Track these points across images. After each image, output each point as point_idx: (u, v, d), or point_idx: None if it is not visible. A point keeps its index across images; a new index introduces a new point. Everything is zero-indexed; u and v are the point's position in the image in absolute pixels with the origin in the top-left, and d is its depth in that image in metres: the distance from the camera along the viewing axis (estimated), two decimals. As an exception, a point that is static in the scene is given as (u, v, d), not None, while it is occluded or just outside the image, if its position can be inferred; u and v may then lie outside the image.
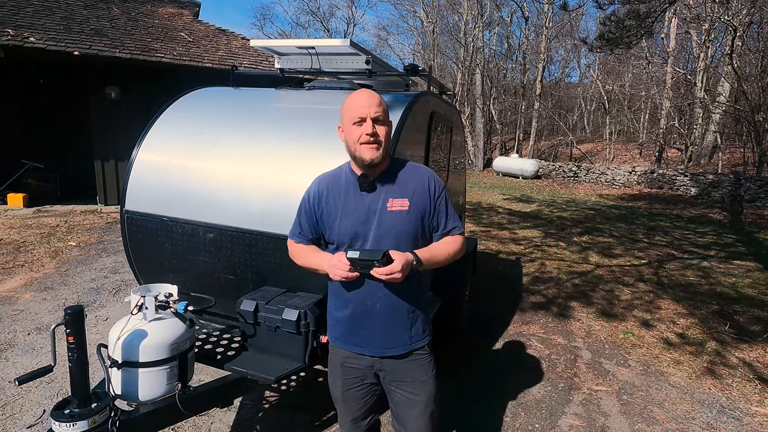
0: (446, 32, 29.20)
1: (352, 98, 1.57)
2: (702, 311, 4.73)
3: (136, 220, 2.65)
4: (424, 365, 1.68)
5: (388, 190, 1.60)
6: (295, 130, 2.58)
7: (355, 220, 1.59)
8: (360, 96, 1.57)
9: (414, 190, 1.61)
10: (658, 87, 20.56)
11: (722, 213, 11.53)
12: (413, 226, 1.59)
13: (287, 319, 2.09)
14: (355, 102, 1.55)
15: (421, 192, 1.62)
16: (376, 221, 1.57)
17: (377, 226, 1.57)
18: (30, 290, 4.49)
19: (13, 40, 7.27)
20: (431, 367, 1.70)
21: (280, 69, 3.30)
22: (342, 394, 1.72)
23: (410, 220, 1.59)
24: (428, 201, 1.62)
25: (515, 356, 3.68)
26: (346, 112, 1.57)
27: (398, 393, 1.68)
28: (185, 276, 2.64)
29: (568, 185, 17.52)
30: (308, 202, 1.68)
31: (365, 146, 1.53)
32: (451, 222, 1.68)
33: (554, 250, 7.10)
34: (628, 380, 3.37)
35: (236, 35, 11.30)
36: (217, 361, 2.18)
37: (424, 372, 1.67)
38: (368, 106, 1.53)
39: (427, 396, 1.68)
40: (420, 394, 1.67)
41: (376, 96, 1.57)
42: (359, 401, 1.72)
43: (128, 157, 2.73)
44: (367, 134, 1.52)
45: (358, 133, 1.53)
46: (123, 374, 1.82)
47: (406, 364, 1.65)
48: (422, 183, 1.63)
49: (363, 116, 1.52)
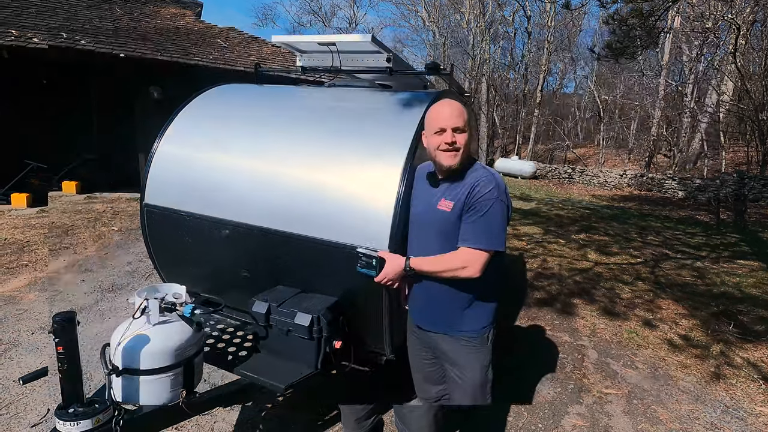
0: (456, 45, 28.35)
1: (435, 109, 1.58)
2: (702, 312, 4.27)
3: (155, 214, 2.32)
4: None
5: (447, 189, 1.58)
6: (314, 128, 2.20)
7: (417, 208, 1.64)
8: (442, 107, 1.56)
9: (461, 193, 1.53)
10: (651, 97, 19.59)
11: (708, 215, 10.84)
12: (452, 227, 1.52)
13: (300, 324, 1.74)
14: (438, 113, 1.55)
15: (463, 195, 1.52)
16: (429, 214, 1.58)
17: (428, 219, 1.58)
18: (70, 272, 4.25)
19: (66, 41, 7.00)
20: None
21: (301, 67, 2.92)
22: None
23: (449, 221, 1.53)
24: (463, 207, 1.52)
25: (522, 354, 3.30)
26: (430, 122, 1.58)
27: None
28: (202, 270, 2.31)
29: (564, 185, 16.88)
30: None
31: (445, 153, 1.53)
32: (468, 234, 1.48)
33: (554, 247, 6.64)
34: (637, 383, 2.97)
35: (267, 42, 10.91)
36: (227, 363, 1.85)
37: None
38: (449, 117, 1.52)
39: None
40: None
41: (458, 106, 1.55)
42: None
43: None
44: (446, 143, 1.51)
45: (438, 141, 1.53)
46: (124, 381, 1.50)
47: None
48: (468, 187, 1.53)
49: (444, 126, 1.52)
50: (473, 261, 1.49)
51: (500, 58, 27.24)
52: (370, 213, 1.79)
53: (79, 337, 1.37)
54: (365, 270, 1.62)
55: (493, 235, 1.49)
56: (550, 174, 18.64)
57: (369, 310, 1.86)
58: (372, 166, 1.88)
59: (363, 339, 2.01)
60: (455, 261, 1.51)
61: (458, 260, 1.51)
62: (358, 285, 1.82)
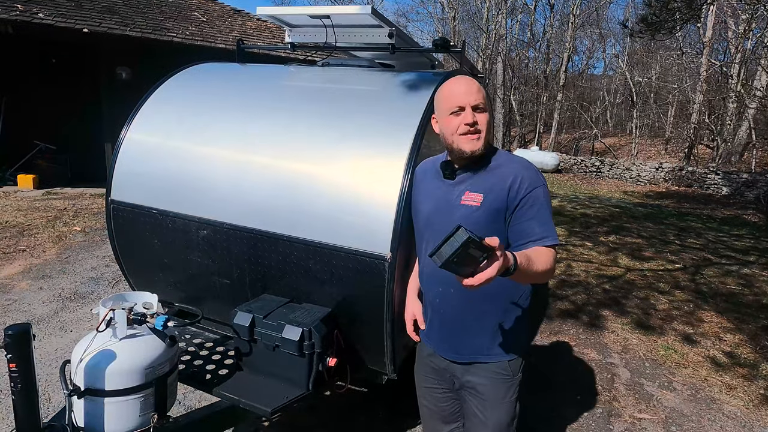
0: (467, 20, 28.31)
1: (448, 86, 1.49)
2: (750, 326, 4.26)
3: (122, 212, 2.32)
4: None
5: (470, 180, 1.49)
6: (305, 113, 2.19)
7: (428, 206, 1.57)
8: (457, 83, 1.47)
9: (493, 185, 1.44)
10: (692, 79, 19.54)
11: (757, 215, 10.83)
12: (483, 225, 1.39)
13: (288, 338, 1.74)
14: (453, 90, 1.46)
15: (500, 189, 1.43)
16: (448, 212, 1.49)
17: (447, 218, 1.48)
18: (27, 278, 4.25)
19: (22, 15, 7.00)
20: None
21: (290, 43, 2.91)
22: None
23: (479, 219, 1.43)
24: (505, 200, 1.42)
25: (544, 373, 3.29)
26: (443, 102, 1.49)
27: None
28: (176, 276, 2.30)
29: (591, 180, 16.85)
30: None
31: (465, 137, 1.44)
32: (536, 232, 1.39)
33: (580, 251, 6.64)
34: (675, 407, 2.96)
35: (251, 16, 10.91)
36: (205, 383, 1.84)
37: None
38: (467, 93, 1.43)
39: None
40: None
41: (474, 82, 1.47)
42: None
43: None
44: (467, 124, 1.42)
45: (456, 123, 1.44)
46: (87, 404, 1.49)
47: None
48: (504, 179, 1.44)
49: (462, 105, 1.43)
50: (553, 260, 1.38)
51: (518, 34, 27.19)
52: (370, 210, 1.78)
53: (35, 352, 1.37)
54: (455, 267, 1.09)
55: (553, 228, 1.43)
56: (575, 167, 18.61)
57: (368, 322, 1.86)
58: (372, 157, 1.87)
59: (361, 355, 2.00)
60: (551, 259, 1.36)
61: (551, 259, 1.36)
62: (355, 293, 1.81)
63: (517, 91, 25.77)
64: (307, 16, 2.57)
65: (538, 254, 1.34)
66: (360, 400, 2.71)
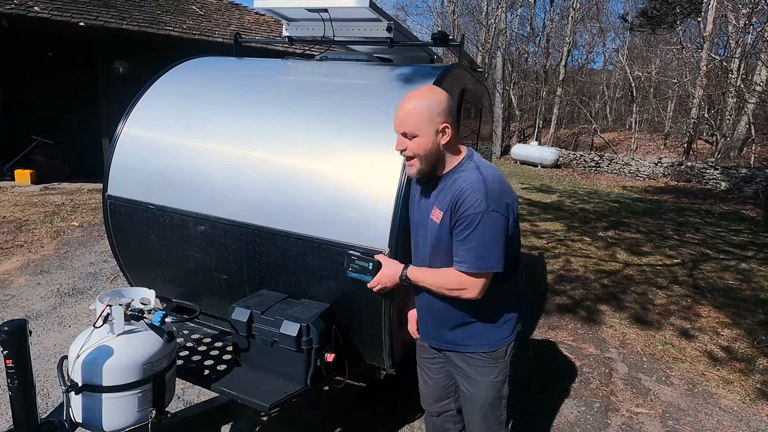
0: (466, 13, 28.13)
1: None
2: (747, 321, 4.28)
3: (119, 207, 2.31)
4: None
5: (438, 194, 1.52)
6: (302, 107, 2.18)
7: (414, 216, 1.64)
8: (399, 104, 1.48)
9: (449, 202, 1.46)
10: (692, 74, 19.48)
11: (755, 210, 10.85)
12: (445, 240, 1.48)
13: (286, 333, 1.74)
14: (395, 111, 1.49)
15: (451, 206, 1.45)
16: (424, 225, 1.55)
17: (423, 231, 1.56)
18: (25, 273, 4.24)
19: (17, 9, 6.94)
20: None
21: (288, 37, 2.89)
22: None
23: (441, 234, 1.48)
24: (451, 219, 1.45)
25: (542, 368, 3.30)
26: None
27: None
28: (174, 272, 2.30)
29: (590, 175, 16.86)
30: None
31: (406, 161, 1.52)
32: (459, 255, 1.45)
33: (579, 246, 6.64)
34: (673, 401, 2.97)
35: (249, 9, 10.83)
36: (203, 378, 1.84)
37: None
38: (397, 119, 1.47)
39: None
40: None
41: (411, 102, 1.44)
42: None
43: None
44: (397, 150, 1.50)
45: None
46: (84, 399, 1.49)
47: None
48: (455, 196, 1.44)
49: (396, 130, 1.49)
50: (470, 284, 1.45)
51: (518, 29, 27.05)
52: (368, 205, 1.77)
53: (33, 348, 1.37)
54: (357, 275, 1.64)
55: (486, 256, 1.41)
56: (574, 162, 18.60)
57: (367, 317, 1.86)
58: (369, 152, 1.86)
59: (359, 351, 2.01)
60: (454, 281, 1.47)
61: (456, 281, 1.47)
62: (353, 289, 1.81)
63: (516, 86, 25.69)
64: (305, 10, 2.54)
65: (442, 273, 1.49)
66: (358, 395, 2.72)
